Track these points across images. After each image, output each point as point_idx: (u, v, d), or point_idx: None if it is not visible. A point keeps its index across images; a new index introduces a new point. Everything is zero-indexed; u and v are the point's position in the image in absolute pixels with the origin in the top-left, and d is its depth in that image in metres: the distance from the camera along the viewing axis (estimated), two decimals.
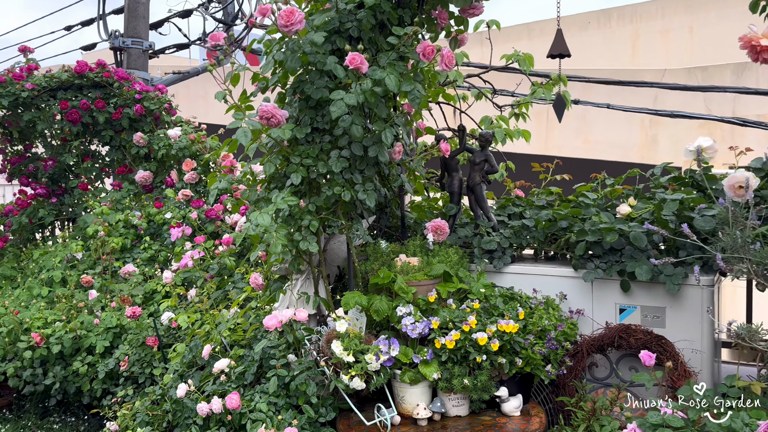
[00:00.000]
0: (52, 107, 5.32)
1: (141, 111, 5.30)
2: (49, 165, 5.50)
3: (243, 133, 2.54)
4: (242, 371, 2.91)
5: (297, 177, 2.70)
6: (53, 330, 4.22)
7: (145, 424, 3.00)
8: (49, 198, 5.59)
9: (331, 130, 2.80)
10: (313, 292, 3.09)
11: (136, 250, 4.93)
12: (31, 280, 4.89)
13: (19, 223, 5.58)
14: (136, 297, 4.48)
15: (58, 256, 4.97)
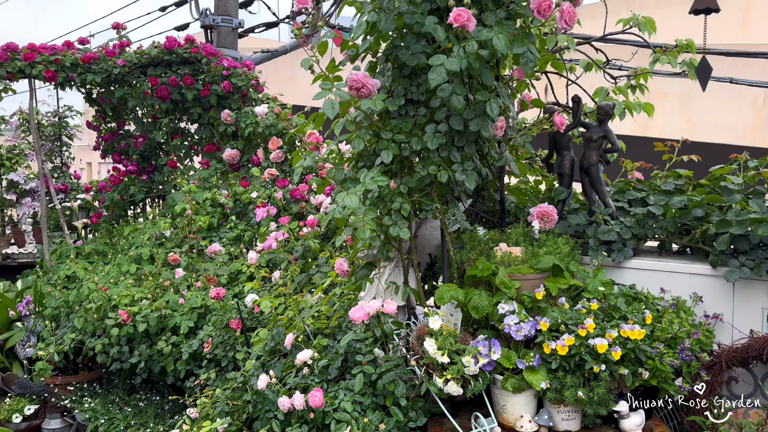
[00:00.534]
0: (143, 84, 5.31)
1: (229, 88, 5.19)
2: (139, 142, 5.52)
3: (330, 104, 2.26)
4: (326, 365, 2.67)
5: (388, 155, 2.40)
6: (140, 308, 4.19)
7: (224, 414, 2.85)
8: (139, 175, 5.62)
9: (428, 101, 2.48)
10: (402, 281, 2.81)
11: (223, 229, 4.85)
12: (120, 256, 4.92)
13: (112, 200, 5.66)
14: (222, 277, 4.39)
15: (146, 234, 4.98)
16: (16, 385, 4.71)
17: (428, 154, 2.44)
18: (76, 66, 5.13)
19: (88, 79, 5.13)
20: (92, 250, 5.40)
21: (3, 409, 4.65)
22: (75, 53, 5.14)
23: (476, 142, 2.49)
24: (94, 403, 4.40)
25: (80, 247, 5.47)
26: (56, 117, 6.95)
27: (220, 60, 5.25)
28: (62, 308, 4.74)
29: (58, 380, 4.66)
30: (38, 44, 5.27)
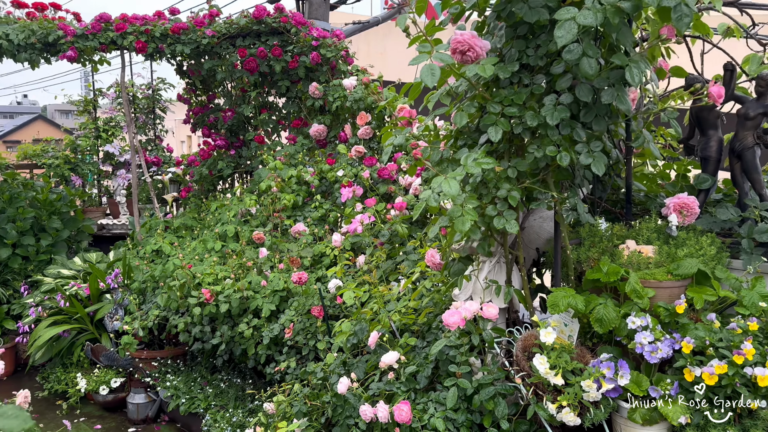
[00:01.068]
0: (231, 55, 5.14)
1: (317, 59, 4.91)
2: (228, 116, 5.38)
3: (428, 71, 1.89)
4: (414, 372, 2.35)
5: (496, 131, 2.00)
6: (223, 287, 4.05)
7: (302, 415, 2.59)
8: (228, 150, 5.50)
9: (548, 67, 2.05)
10: (504, 280, 2.42)
11: (308, 208, 4.62)
12: (206, 232, 4.82)
13: (200, 174, 5.58)
14: (305, 259, 4.16)
15: (232, 210, 4.84)
16: (104, 357, 4.75)
17: (546, 131, 2.02)
18: (166, 36, 5.02)
19: (177, 50, 5.02)
20: (180, 224, 5.36)
21: (91, 380, 4.70)
22: (165, 23, 5.04)
23: (609, 116, 2.04)
24: (176, 380, 4.33)
25: (169, 220, 5.45)
26: (150, 90, 7.00)
27: (309, 30, 4.98)
28: (149, 283, 4.70)
29: (143, 354, 4.64)
30: (131, 15, 5.21)
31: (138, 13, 5.26)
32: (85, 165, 6.80)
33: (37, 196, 5.91)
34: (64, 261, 5.64)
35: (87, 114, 7.10)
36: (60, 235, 5.88)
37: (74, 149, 6.83)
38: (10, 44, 4.86)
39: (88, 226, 6.29)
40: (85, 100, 7.06)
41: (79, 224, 6.18)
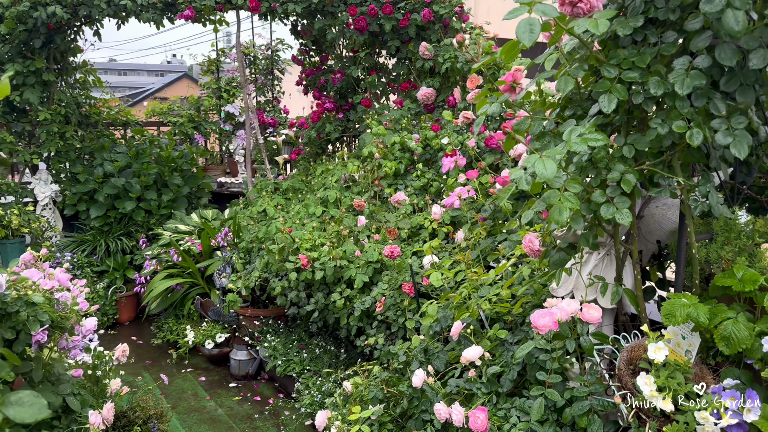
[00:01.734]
0: (343, 14, 4.97)
1: (429, 16, 4.61)
2: (337, 78, 5.26)
3: (526, 26, 1.57)
4: (497, 372, 2.09)
5: (609, 100, 1.65)
6: (319, 254, 3.98)
7: (377, 401, 2.44)
8: (336, 113, 5.39)
9: (681, 22, 1.65)
10: (613, 277, 2.06)
11: (410, 176, 4.40)
12: (309, 197, 4.77)
13: (309, 137, 5.54)
14: (402, 230, 3.97)
15: (335, 175, 4.74)
16: (212, 312, 4.92)
17: (674, 101, 1.63)
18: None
19: (289, 9, 4.93)
20: (289, 186, 5.37)
21: (199, 333, 4.89)
22: None
23: (757, 85, 1.60)
24: (275, 341, 4.38)
25: (279, 182, 5.48)
26: (269, 50, 7.05)
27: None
28: (255, 243, 4.77)
29: (247, 312, 4.74)
30: None
31: None
32: (208, 124, 7.04)
33: (161, 153, 6.20)
34: (182, 216, 5.90)
35: (211, 74, 7.32)
36: (180, 191, 6.15)
37: (198, 108, 7.09)
38: (133, 4, 5.03)
39: (207, 184, 6.54)
40: (209, 60, 7.27)
41: (199, 181, 6.43)
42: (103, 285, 5.56)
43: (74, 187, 5.80)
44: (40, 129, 5.64)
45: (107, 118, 6.48)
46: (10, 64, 5.34)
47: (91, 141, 6.12)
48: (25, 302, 2.26)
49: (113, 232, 5.89)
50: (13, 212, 5.29)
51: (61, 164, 5.94)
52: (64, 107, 5.74)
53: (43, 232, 5.65)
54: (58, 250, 5.62)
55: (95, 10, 5.07)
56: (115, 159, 5.90)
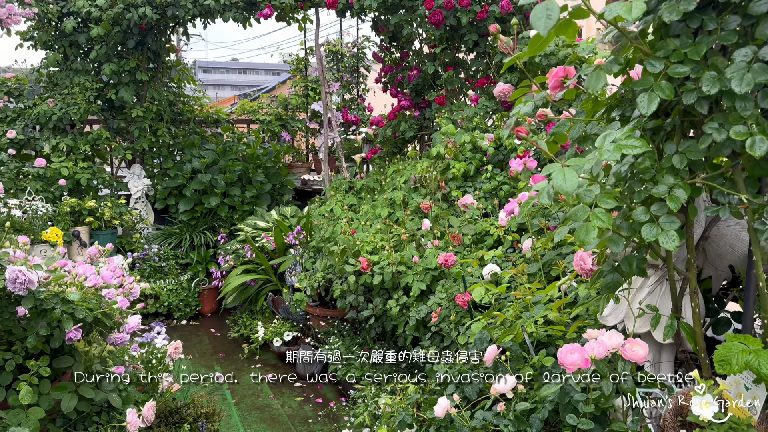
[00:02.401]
0: (420, 8, 4.78)
1: (508, 7, 4.31)
2: (413, 75, 5.08)
3: (543, 11, 1.32)
4: (527, 410, 1.84)
5: (650, 100, 1.37)
6: (380, 257, 3.85)
7: (404, 426, 2.26)
8: (412, 110, 5.22)
9: (745, 5, 1.33)
10: (669, 308, 1.75)
11: (480, 178, 4.15)
12: (378, 197, 4.64)
13: (384, 136, 5.42)
14: (466, 236, 3.74)
15: (404, 176, 4.58)
16: (282, 309, 4.94)
17: (733, 101, 1.31)
18: None
19: (365, 4, 4.82)
20: (363, 185, 5.29)
21: (269, 329, 4.93)
22: None
23: None
24: (339, 343, 4.30)
25: (354, 181, 5.41)
26: (355, 48, 7.00)
27: None
28: (323, 243, 4.72)
29: (315, 311, 4.70)
30: None
31: None
32: (294, 122, 7.13)
33: (247, 151, 6.33)
34: (263, 213, 5.99)
35: (299, 72, 7.40)
36: (263, 187, 6.26)
37: (285, 106, 7.19)
38: (217, 3, 5.14)
39: (290, 181, 6.61)
40: (297, 59, 7.35)
41: (282, 178, 6.52)
42: (186, 277, 5.77)
43: (165, 181, 6.06)
44: (134, 126, 5.93)
45: (199, 115, 6.73)
46: (107, 64, 5.65)
47: (183, 138, 6.37)
48: (61, 299, 2.31)
49: (199, 226, 6.10)
50: (106, 205, 5.60)
51: (154, 159, 6.22)
52: (156, 105, 6.01)
53: (134, 224, 5.95)
54: (147, 242, 5.90)
55: (182, 11, 5.24)
56: (203, 155, 6.10)
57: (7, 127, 5.66)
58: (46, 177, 5.44)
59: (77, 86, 5.70)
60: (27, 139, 5.70)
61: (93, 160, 6.01)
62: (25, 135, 5.67)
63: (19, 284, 2.12)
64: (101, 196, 5.90)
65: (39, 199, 5.38)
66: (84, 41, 5.60)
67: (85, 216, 5.51)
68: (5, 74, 6.03)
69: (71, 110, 5.63)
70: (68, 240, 5.37)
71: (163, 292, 5.60)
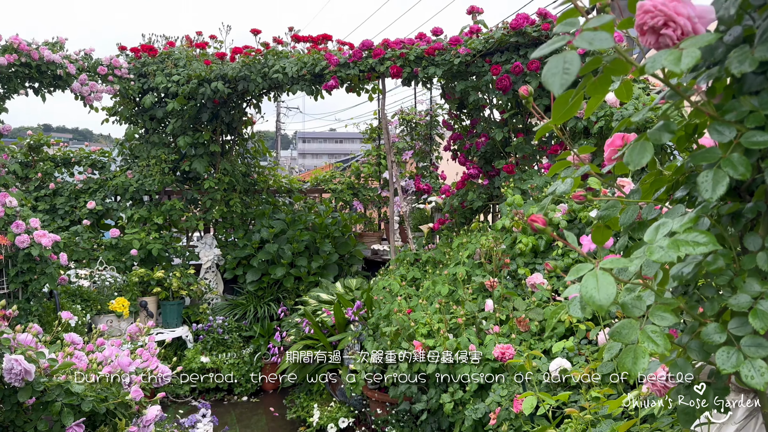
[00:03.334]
0: (485, 74, 4.54)
1: None
2: (481, 142, 4.80)
3: (559, 64, 1.01)
4: None
5: (716, 180, 1.00)
6: (436, 341, 3.48)
7: None
8: (480, 179, 4.91)
9: None
10: None
11: (551, 254, 3.73)
12: (439, 273, 4.30)
13: (452, 206, 5.11)
14: (533, 322, 3.31)
15: (468, 249, 4.23)
16: (339, 391, 4.62)
17: None
18: (421, 59, 4.70)
19: (430, 73, 4.65)
20: (429, 258, 4.97)
21: (324, 413, 4.61)
22: (421, 45, 4.72)
23: None
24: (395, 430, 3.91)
25: (419, 253, 5.11)
26: (428, 116, 6.85)
27: (575, 35, 4.05)
28: (381, 321, 4.41)
29: (374, 395, 4.35)
30: (393, 39, 5.05)
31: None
32: (366, 191, 6.99)
33: (315, 220, 6.22)
34: (328, 284, 5.78)
35: (372, 141, 7.32)
36: (330, 258, 6.08)
37: (358, 175, 7.09)
38: (285, 77, 5.15)
39: (358, 251, 6.41)
40: (371, 128, 7.29)
41: (350, 248, 6.33)
42: (249, 351, 5.61)
43: (234, 251, 6.03)
44: (207, 197, 6.00)
45: (273, 185, 6.75)
46: (182, 137, 5.80)
47: (255, 208, 6.38)
48: (65, 390, 2.14)
49: (265, 296, 5.98)
50: (174, 275, 5.61)
51: (225, 229, 6.24)
52: (229, 176, 6.07)
53: (202, 294, 5.92)
54: (213, 313, 5.83)
55: (252, 84, 5.30)
56: (271, 225, 6.04)
57: (89, 197, 5.89)
58: (118, 247, 5.55)
59: (154, 158, 5.87)
60: (106, 209, 5.89)
61: (168, 229, 6.11)
62: (104, 206, 5.87)
63: (14, 375, 1.97)
64: (173, 265, 5.94)
65: (110, 268, 5.47)
66: (162, 115, 5.80)
67: (154, 286, 5.53)
68: (91, 147, 6.35)
69: (147, 182, 5.78)
70: (135, 310, 5.38)
71: (224, 366, 5.45)
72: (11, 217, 4.30)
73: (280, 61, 5.19)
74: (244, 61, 5.28)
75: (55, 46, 5.09)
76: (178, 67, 5.63)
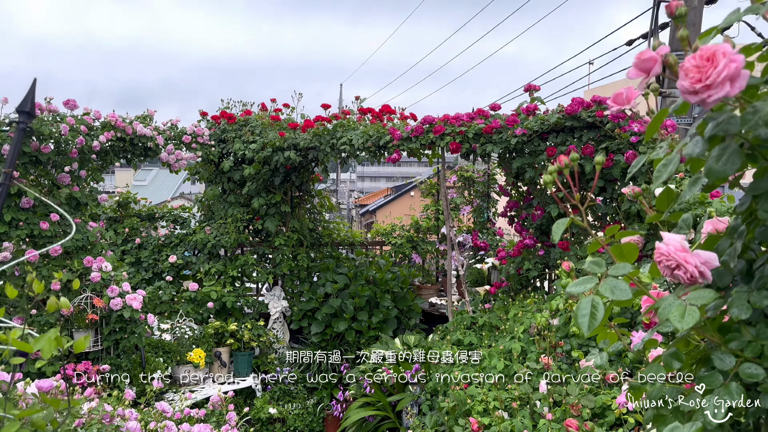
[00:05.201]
0: (540, 154, 4.78)
1: (633, 157, 4.16)
2: (537, 215, 5.01)
3: (587, 307, 1.27)
4: None
5: (717, 405, 1.23)
6: (491, 421, 3.69)
7: None
8: (536, 250, 5.11)
9: None
10: None
11: None
12: (495, 345, 4.51)
13: (508, 273, 5.32)
14: (584, 409, 3.48)
15: (524, 324, 4.43)
16: None
17: None
18: (479, 137, 4.98)
19: (487, 150, 4.92)
20: (485, 322, 5.19)
21: None
22: (479, 124, 5.00)
23: None
24: None
25: (475, 316, 5.34)
26: (485, 174, 7.10)
27: (630, 124, 4.26)
28: (440, 387, 4.65)
29: None
30: (453, 114, 5.36)
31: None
32: (425, 244, 7.28)
33: (376, 275, 6.55)
34: (387, 340, 6.07)
35: (431, 196, 7.62)
36: (389, 312, 6.38)
37: (417, 229, 7.39)
38: (351, 148, 5.54)
39: (416, 305, 6.68)
40: (429, 183, 7.59)
41: (409, 302, 6.61)
42: (313, 402, 5.94)
43: (300, 304, 6.42)
44: (276, 252, 6.43)
45: (336, 238, 7.14)
46: (256, 198, 6.27)
47: (320, 261, 6.77)
48: None
49: (329, 348, 6.32)
50: (246, 326, 6.04)
51: (292, 281, 6.65)
52: (297, 234, 6.49)
53: (270, 344, 6.32)
54: (280, 363, 6.21)
55: (321, 153, 5.71)
56: (335, 280, 6.40)
57: (170, 252, 6.42)
58: (197, 300, 6.03)
59: (230, 217, 6.35)
60: (185, 263, 6.40)
61: (241, 281, 6.56)
62: (183, 260, 6.39)
63: None
64: (245, 315, 6.38)
65: (189, 320, 5.94)
66: (238, 178, 6.29)
67: (227, 338, 5.96)
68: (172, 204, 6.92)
69: (224, 239, 6.26)
70: (210, 361, 5.82)
71: (290, 416, 5.80)
72: (106, 281, 4.82)
73: (347, 133, 5.58)
74: (315, 132, 5.70)
75: (146, 120, 5.65)
76: (254, 134, 6.12)
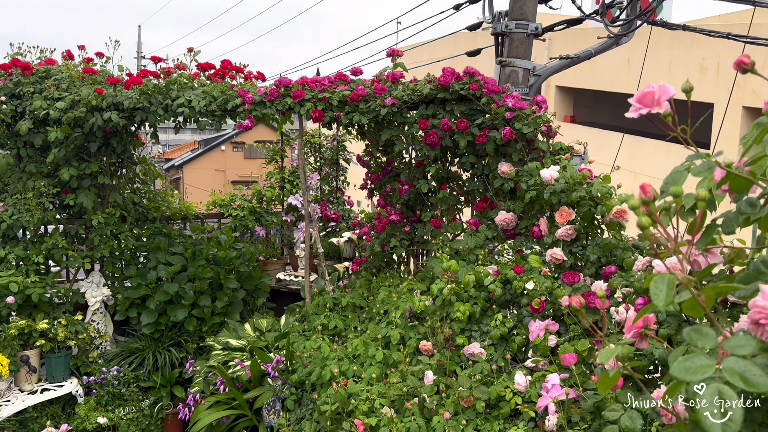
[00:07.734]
0: (411, 127, 4.48)
1: (510, 135, 4.04)
2: (404, 190, 4.74)
3: None
4: None
5: None
6: (379, 421, 3.40)
7: None
8: (402, 226, 4.87)
9: None
10: None
11: (486, 320, 3.78)
12: (368, 334, 4.21)
13: (372, 250, 5.03)
14: (478, 401, 3.34)
15: (399, 309, 4.18)
16: None
17: None
18: (344, 104, 4.53)
19: (354, 120, 4.49)
20: (349, 302, 4.86)
21: None
22: (344, 90, 4.53)
23: None
24: None
25: (337, 297, 4.97)
26: (335, 141, 6.67)
27: (504, 99, 4.11)
28: (308, 380, 4.25)
29: None
30: (311, 77, 4.82)
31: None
32: (269, 215, 6.69)
33: (218, 254, 5.85)
34: (235, 326, 5.47)
35: (274, 162, 7.01)
36: (236, 295, 5.75)
37: (260, 199, 6.75)
38: (191, 111, 4.73)
39: (264, 284, 6.12)
40: (273, 148, 6.97)
41: (256, 282, 6.03)
42: (148, 402, 5.18)
43: (126, 291, 5.51)
44: (94, 233, 5.40)
45: (166, 212, 6.24)
46: (65, 168, 5.15)
47: (148, 239, 5.86)
48: None
49: (164, 340, 5.54)
50: (60, 323, 5.01)
51: (115, 265, 5.68)
52: (118, 209, 5.51)
53: (92, 339, 5.35)
54: (105, 362, 5.30)
55: (152, 116, 4.81)
56: (170, 262, 5.58)
57: None
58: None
59: (31, 191, 5.16)
60: None
61: (48, 268, 5.43)
62: None
63: None
64: (57, 306, 5.31)
65: None
66: (40, 143, 5.10)
67: (36, 338, 4.90)
68: None
69: (24, 217, 5.07)
70: (15, 368, 4.75)
71: (122, 423, 4.98)
72: None
73: (184, 93, 4.76)
74: (142, 89, 4.77)
75: None
76: (60, 89, 4.97)
